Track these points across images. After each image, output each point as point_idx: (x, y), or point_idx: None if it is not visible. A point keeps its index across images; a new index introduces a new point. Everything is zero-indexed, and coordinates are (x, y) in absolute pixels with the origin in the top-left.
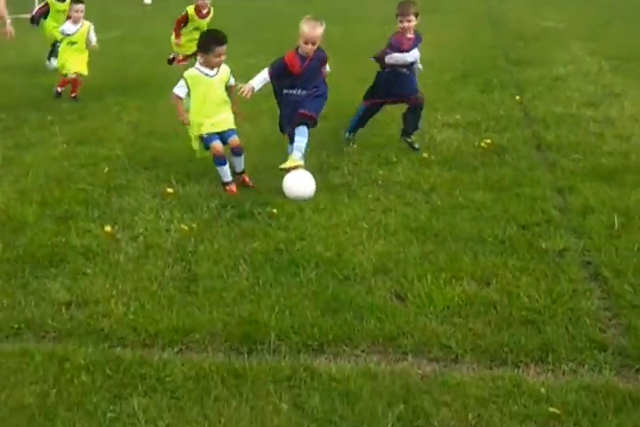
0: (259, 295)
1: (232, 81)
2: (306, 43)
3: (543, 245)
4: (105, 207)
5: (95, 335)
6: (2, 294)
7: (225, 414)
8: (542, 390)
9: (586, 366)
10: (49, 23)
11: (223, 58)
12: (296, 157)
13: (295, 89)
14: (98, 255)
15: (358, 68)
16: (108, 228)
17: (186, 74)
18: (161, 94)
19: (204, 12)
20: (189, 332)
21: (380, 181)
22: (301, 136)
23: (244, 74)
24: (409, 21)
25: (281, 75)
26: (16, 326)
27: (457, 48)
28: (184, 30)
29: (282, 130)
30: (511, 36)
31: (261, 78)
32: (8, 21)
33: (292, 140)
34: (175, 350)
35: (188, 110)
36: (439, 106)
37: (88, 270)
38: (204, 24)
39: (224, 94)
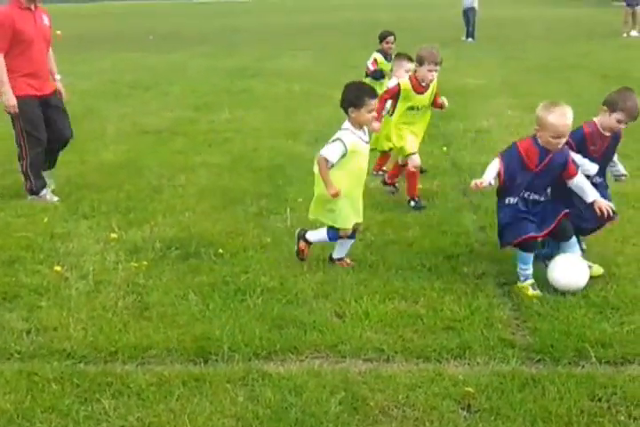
0: (210, 318)
1: None
2: (556, 137)
3: (465, 270)
4: (50, 251)
5: (58, 355)
6: None
7: (188, 408)
8: (460, 376)
9: (497, 359)
10: None
11: None
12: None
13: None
14: (49, 291)
15: None
16: (57, 267)
17: (346, 138)
18: (82, 148)
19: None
20: (147, 349)
21: (317, 224)
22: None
23: None
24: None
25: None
26: None
27: None
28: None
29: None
30: None
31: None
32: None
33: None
34: (135, 364)
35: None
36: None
37: (42, 304)
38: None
39: None
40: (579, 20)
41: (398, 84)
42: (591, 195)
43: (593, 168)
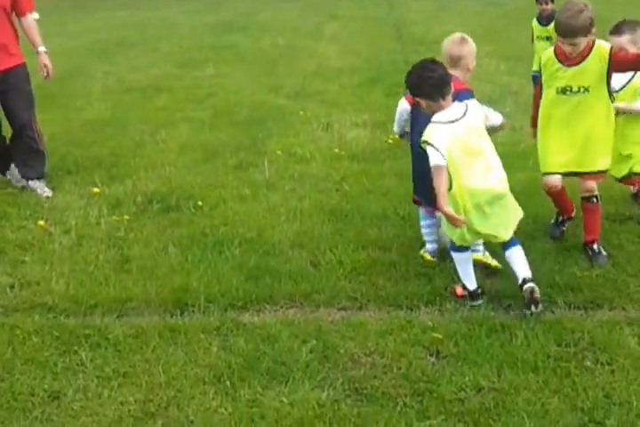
0: (188, 270)
1: None
2: None
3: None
4: (35, 207)
5: (39, 308)
6: None
7: (163, 358)
8: (430, 323)
9: (467, 306)
10: None
11: None
12: None
13: None
14: (34, 246)
15: None
16: (41, 222)
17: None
18: (67, 106)
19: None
20: (126, 301)
21: (295, 175)
22: None
23: None
24: None
25: None
26: None
27: (363, 54)
28: None
29: None
30: (412, 41)
31: None
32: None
33: None
34: (114, 316)
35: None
36: (349, 108)
37: (26, 259)
38: None
39: None
40: None
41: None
42: None
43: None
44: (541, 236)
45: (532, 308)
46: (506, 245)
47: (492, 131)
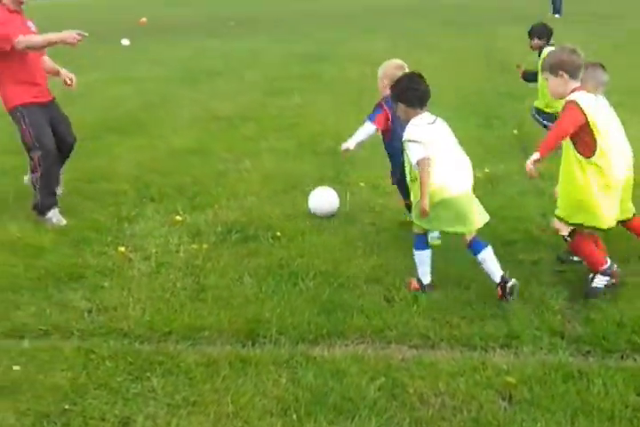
0: (262, 301)
1: None
2: None
3: (520, 257)
4: (117, 233)
5: (115, 334)
6: (28, 304)
7: (232, 388)
8: (504, 366)
9: (544, 350)
10: None
11: None
12: None
13: None
14: (113, 272)
15: None
16: (121, 248)
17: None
18: (155, 133)
19: None
20: (200, 330)
21: (376, 208)
22: None
23: None
24: None
25: None
26: (44, 328)
27: (455, 84)
28: None
29: None
30: (501, 69)
31: None
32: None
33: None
34: (187, 344)
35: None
36: None
37: (105, 284)
38: None
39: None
40: None
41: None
42: None
43: None
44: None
45: (509, 297)
46: (476, 249)
47: None
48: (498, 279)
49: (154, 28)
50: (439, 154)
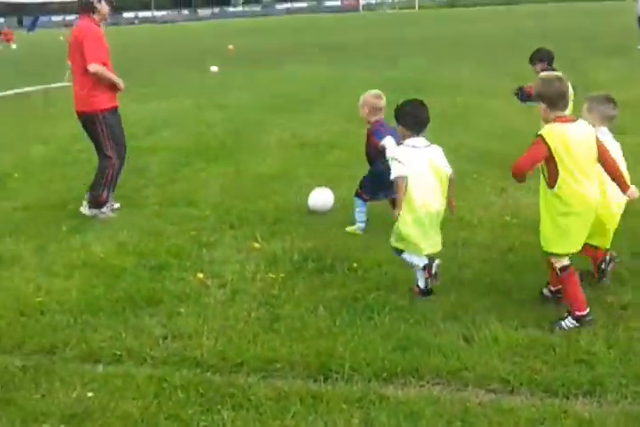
0: (335, 334)
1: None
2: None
3: (609, 300)
4: (196, 259)
5: (188, 362)
6: (105, 328)
7: (302, 426)
8: (586, 414)
9: (629, 399)
10: None
11: None
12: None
13: None
14: (190, 298)
15: None
16: (200, 275)
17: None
18: (241, 159)
19: None
20: (272, 362)
21: (459, 242)
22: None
23: None
24: None
25: None
26: (118, 353)
27: None
28: None
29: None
30: None
31: None
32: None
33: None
34: (259, 376)
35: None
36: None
37: (182, 311)
38: None
39: None
40: None
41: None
42: None
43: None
44: None
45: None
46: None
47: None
48: (423, 284)
49: (241, 55)
50: (416, 175)
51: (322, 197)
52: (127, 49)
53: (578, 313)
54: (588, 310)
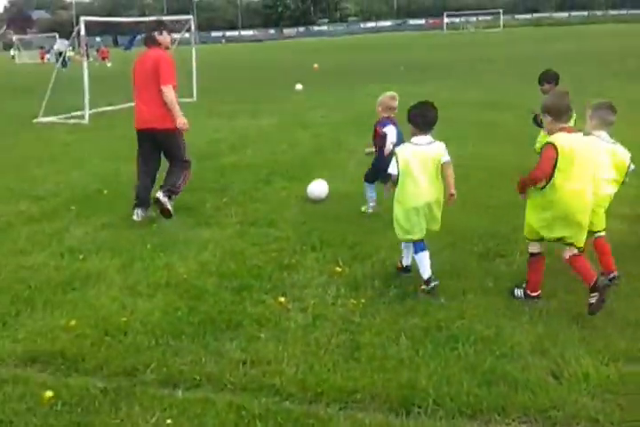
0: (418, 365)
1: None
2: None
3: None
4: (277, 282)
5: (267, 390)
6: (186, 351)
7: None
8: None
9: None
10: None
11: None
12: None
13: None
14: (270, 322)
15: None
16: (281, 298)
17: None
18: (323, 178)
19: None
20: (352, 392)
21: (547, 271)
22: None
23: None
24: None
25: None
26: (198, 378)
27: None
28: None
29: None
30: None
31: None
32: (180, 113)
33: None
34: (339, 407)
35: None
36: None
37: (261, 335)
38: None
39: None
40: None
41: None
42: None
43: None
44: None
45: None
46: (417, 250)
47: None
48: (425, 277)
49: (326, 73)
50: (408, 172)
51: (318, 188)
52: (213, 67)
53: (530, 292)
54: (539, 292)
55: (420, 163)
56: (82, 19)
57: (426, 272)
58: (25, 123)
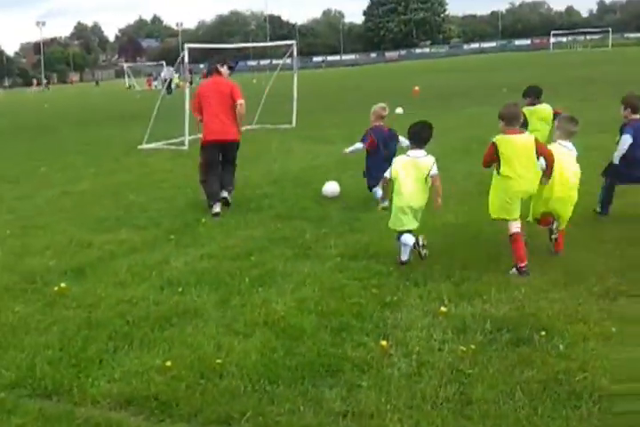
0: (537, 426)
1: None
2: None
3: None
4: (378, 322)
5: None
6: (283, 398)
7: None
8: None
9: None
10: None
11: None
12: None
13: None
14: (372, 368)
15: None
16: (383, 342)
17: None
18: (426, 207)
19: None
20: None
21: None
22: None
23: None
24: None
25: None
26: None
27: None
28: None
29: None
30: None
31: None
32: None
33: None
34: None
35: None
36: None
37: (363, 383)
38: None
39: None
40: None
41: None
42: None
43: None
44: None
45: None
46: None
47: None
48: (403, 259)
49: (427, 96)
50: (402, 178)
51: (332, 188)
52: (311, 91)
53: (520, 264)
54: (526, 262)
55: (409, 171)
56: (185, 46)
57: (405, 255)
58: (130, 149)
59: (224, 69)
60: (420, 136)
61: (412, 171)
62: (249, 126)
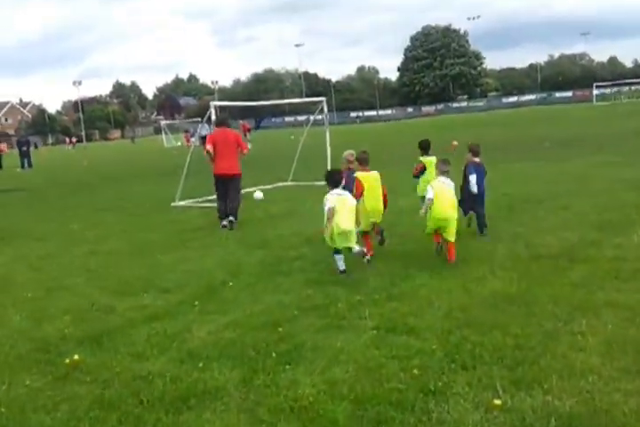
0: None
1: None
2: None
3: None
4: (421, 414)
5: None
6: None
7: None
8: None
9: None
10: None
11: None
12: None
13: None
14: None
15: None
16: None
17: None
18: (469, 274)
19: None
20: None
21: None
22: None
23: None
24: None
25: None
26: None
27: None
28: None
29: None
30: None
31: None
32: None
33: None
34: None
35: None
36: None
37: None
38: None
39: None
40: None
41: None
42: None
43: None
44: None
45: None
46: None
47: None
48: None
49: (465, 150)
50: (339, 210)
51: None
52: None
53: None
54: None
55: (344, 204)
56: (211, 103)
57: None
58: (162, 206)
59: (229, 122)
60: (333, 180)
61: (345, 204)
62: (282, 183)
